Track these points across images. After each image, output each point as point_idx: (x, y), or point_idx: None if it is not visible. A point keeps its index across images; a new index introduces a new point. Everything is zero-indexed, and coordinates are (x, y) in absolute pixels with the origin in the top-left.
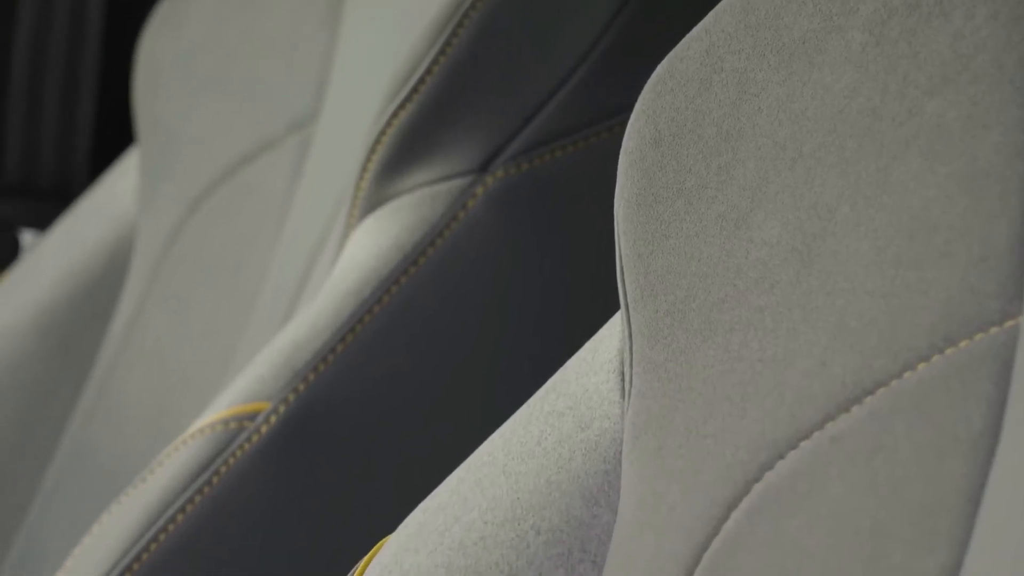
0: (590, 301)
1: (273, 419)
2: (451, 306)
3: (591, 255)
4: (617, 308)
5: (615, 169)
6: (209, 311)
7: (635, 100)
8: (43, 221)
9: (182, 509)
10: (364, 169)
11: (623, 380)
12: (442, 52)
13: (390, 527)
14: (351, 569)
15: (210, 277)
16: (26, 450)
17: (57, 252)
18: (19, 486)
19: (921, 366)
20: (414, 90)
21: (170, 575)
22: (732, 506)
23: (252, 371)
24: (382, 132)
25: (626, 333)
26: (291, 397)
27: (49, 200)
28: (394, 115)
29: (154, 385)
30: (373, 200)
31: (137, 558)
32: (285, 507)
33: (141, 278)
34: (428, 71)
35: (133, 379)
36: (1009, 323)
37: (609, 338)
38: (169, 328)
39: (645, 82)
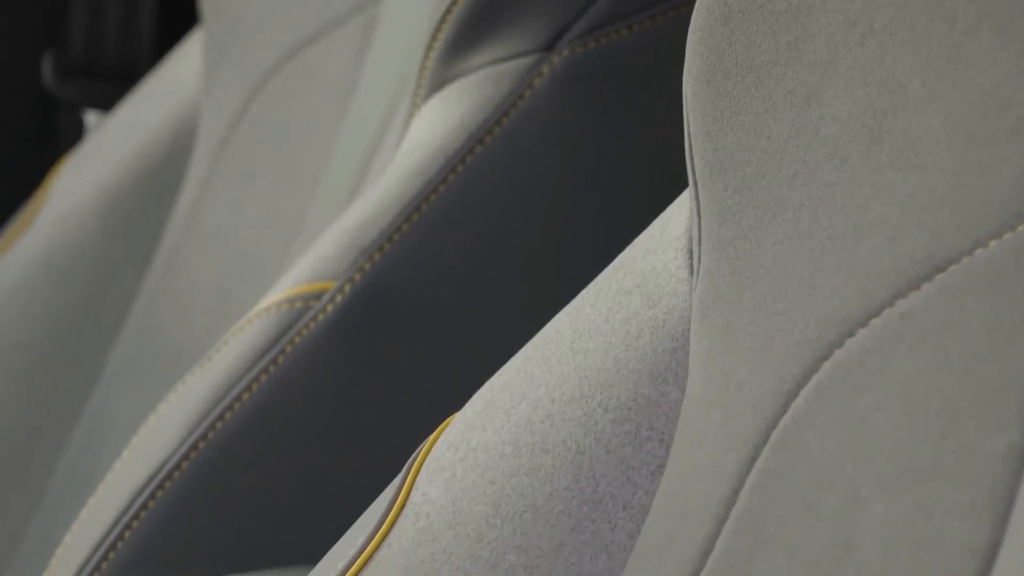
0: (655, 181)
1: (339, 298)
2: (517, 185)
3: (657, 134)
4: (683, 187)
5: (682, 47)
6: (272, 193)
7: None
8: (107, 102)
9: (248, 388)
10: (429, 49)
11: (691, 258)
12: None
13: (456, 406)
14: (418, 447)
15: (273, 159)
16: (91, 331)
17: (121, 134)
18: (84, 367)
19: (992, 243)
20: None
21: (236, 454)
22: (801, 384)
23: (317, 251)
24: (447, 11)
25: (694, 211)
26: (357, 276)
27: (113, 81)
28: None
29: (218, 267)
30: (438, 80)
31: (203, 436)
32: (351, 386)
33: (204, 160)
34: None
35: (197, 261)
36: None
37: (677, 216)
38: (232, 210)
39: None
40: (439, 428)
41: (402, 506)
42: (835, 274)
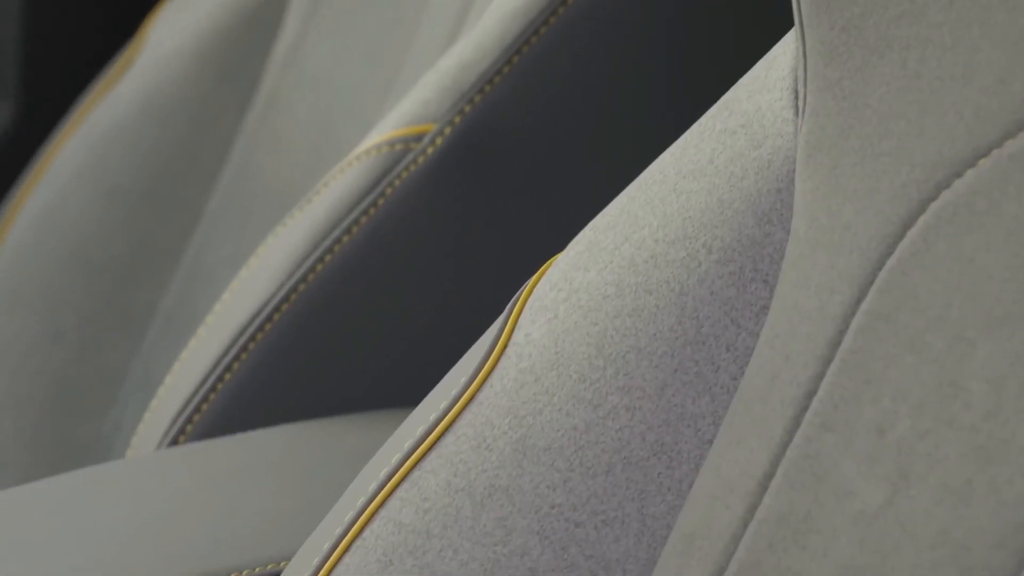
0: (756, 32)
1: (439, 140)
2: (619, 27)
3: None
4: (782, 30)
5: None
6: (373, 35)
7: None
8: None
9: (348, 231)
10: None
11: (796, 98)
12: None
13: (557, 247)
14: (519, 288)
15: (373, 1)
16: (190, 174)
17: None
18: (185, 208)
19: None
20: None
21: (335, 298)
22: (908, 225)
23: (417, 94)
24: None
25: (800, 51)
26: (457, 119)
27: None
28: None
29: (317, 109)
30: None
31: (303, 280)
32: (451, 228)
33: (304, 2)
34: None
35: (296, 104)
36: None
37: (782, 56)
38: (332, 52)
39: None
40: (541, 269)
41: (504, 347)
42: (943, 115)
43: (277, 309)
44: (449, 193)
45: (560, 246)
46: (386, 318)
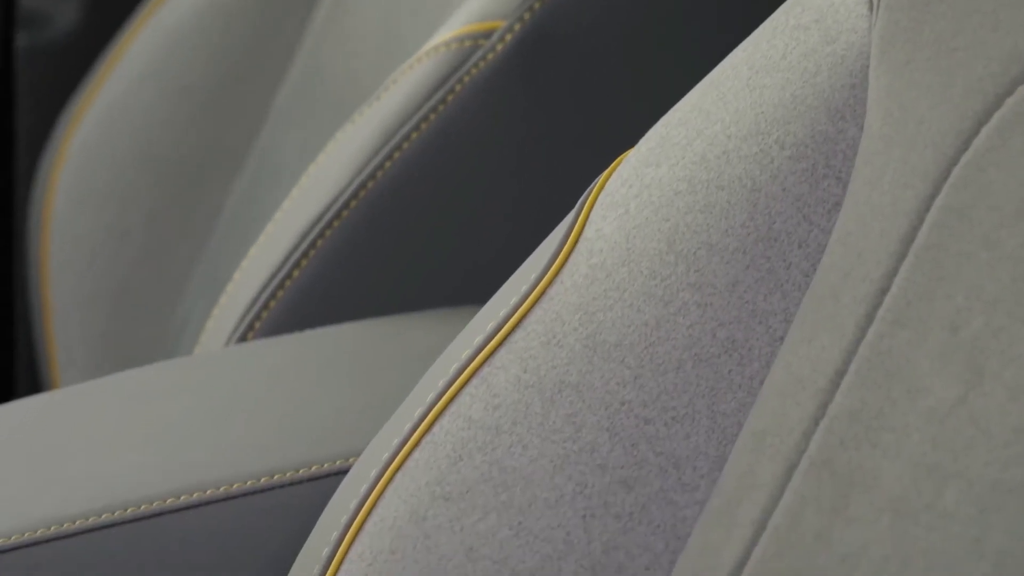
0: None
1: (508, 37)
2: None
3: None
4: None
5: None
6: None
7: None
8: None
9: (416, 127)
10: None
11: None
12: None
13: (628, 143)
14: (590, 184)
15: None
16: (257, 74)
17: None
18: (252, 108)
19: None
20: None
21: (405, 193)
22: (983, 121)
23: None
24: None
25: None
26: (527, 16)
27: None
28: None
29: (385, 7)
30: None
31: (371, 176)
32: (520, 124)
33: None
34: None
35: (363, 2)
36: None
37: None
38: None
39: None
40: (612, 165)
41: (575, 243)
42: (1020, 8)
43: (346, 206)
44: (518, 89)
45: (631, 142)
46: (454, 215)
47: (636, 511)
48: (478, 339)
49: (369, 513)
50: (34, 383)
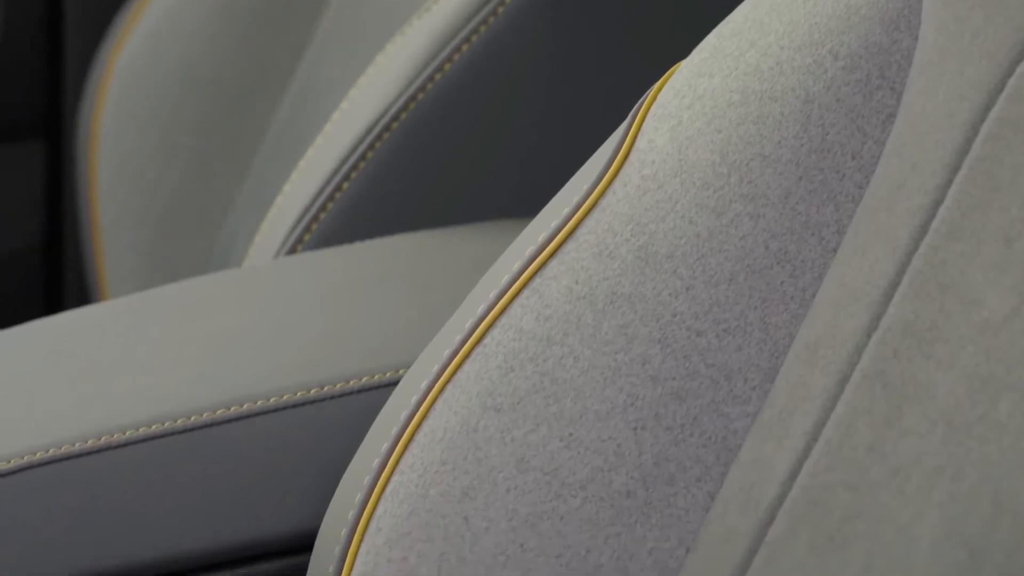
0: None
1: None
2: None
3: None
4: None
5: None
6: None
7: None
8: None
9: (467, 39)
10: None
11: None
12: None
13: (681, 54)
14: (642, 95)
15: None
16: None
17: None
18: (297, 28)
19: None
20: None
21: (455, 106)
22: None
23: None
24: None
25: None
26: None
27: None
28: None
29: None
30: None
31: (422, 87)
32: (573, 35)
33: None
34: None
35: None
36: None
37: None
38: None
39: None
40: (665, 75)
41: (627, 154)
42: None
43: (395, 119)
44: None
45: (683, 53)
46: (504, 127)
47: (687, 423)
48: (530, 250)
49: (420, 424)
50: (83, 300)
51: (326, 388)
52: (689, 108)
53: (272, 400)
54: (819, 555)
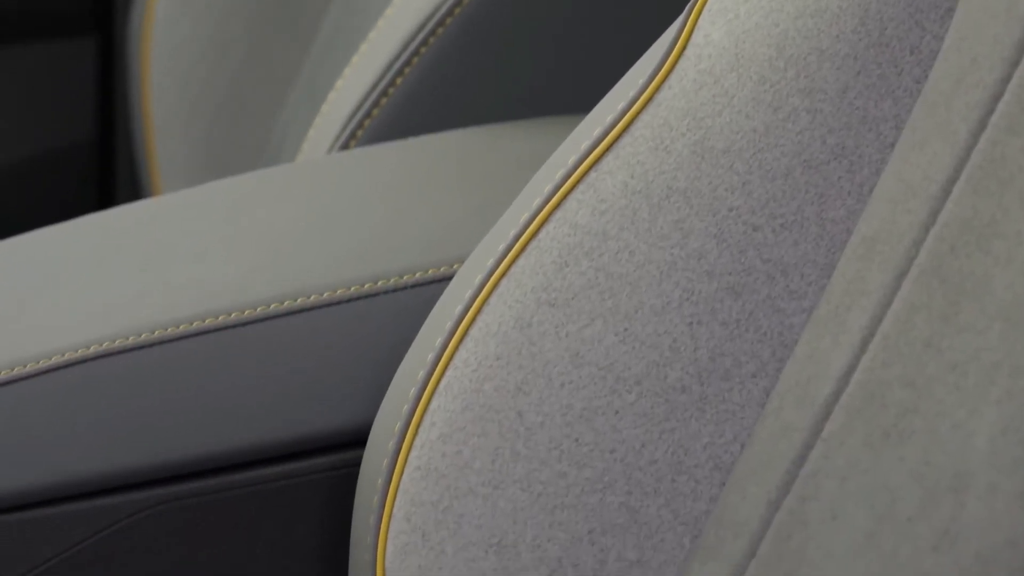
0: None
1: None
2: None
3: None
4: None
5: None
6: None
7: None
8: None
9: None
10: None
11: None
12: None
13: None
14: None
15: None
16: None
17: None
18: None
19: None
20: None
21: (509, 1)
22: None
23: None
24: None
25: None
26: None
27: None
28: None
29: None
30: None
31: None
32: None
33: None
34: None
35: None
36: None
37: None
38: None
39: None
40: None
41: (683, 48)
42: None
43: (449, 13)
44: None
45: None
46: (561, 21)
47: (743, 318)
48: (585, 144)
49: (474, 319)
50: (135, 196)
51: (380, 283)
52: (746, 2)
53: (325, 295)
54: (875, 451)
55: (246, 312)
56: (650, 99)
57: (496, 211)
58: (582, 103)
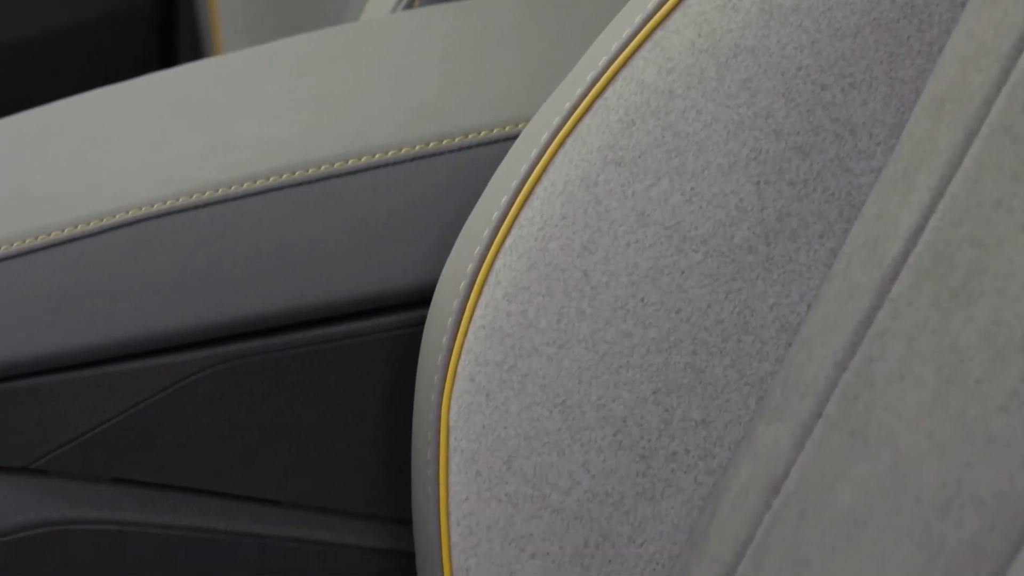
0: None
1: None
2: None
3: None
4: None
5: None
6: None
7: None
8: None
9: None
10: None
11: None
12: None
13: None
14: None
15: None
16: None
17: None
18: None
19: None
20: None
21: None
22: None
23: None
24: None
25: None
26: None
27: None
28: None
29: None
30: None
31: None
32: None
33: None
34: None
35: None
36: None
37: None
38: None
39: None
40: None
41: None
42: None
43: None
44: None
45: None
46: None
47: (811, 178)
48: (652, 2)
49: (539, 178)
50: (197, 58)
51: (445, 141)
52: None
53: (390, 153)
54: (943, 311)
55: (310, 170)
56: None
57: (562, 70)
58: None
